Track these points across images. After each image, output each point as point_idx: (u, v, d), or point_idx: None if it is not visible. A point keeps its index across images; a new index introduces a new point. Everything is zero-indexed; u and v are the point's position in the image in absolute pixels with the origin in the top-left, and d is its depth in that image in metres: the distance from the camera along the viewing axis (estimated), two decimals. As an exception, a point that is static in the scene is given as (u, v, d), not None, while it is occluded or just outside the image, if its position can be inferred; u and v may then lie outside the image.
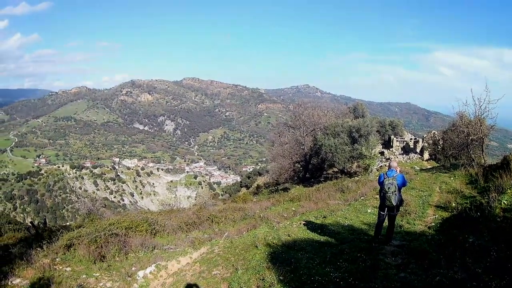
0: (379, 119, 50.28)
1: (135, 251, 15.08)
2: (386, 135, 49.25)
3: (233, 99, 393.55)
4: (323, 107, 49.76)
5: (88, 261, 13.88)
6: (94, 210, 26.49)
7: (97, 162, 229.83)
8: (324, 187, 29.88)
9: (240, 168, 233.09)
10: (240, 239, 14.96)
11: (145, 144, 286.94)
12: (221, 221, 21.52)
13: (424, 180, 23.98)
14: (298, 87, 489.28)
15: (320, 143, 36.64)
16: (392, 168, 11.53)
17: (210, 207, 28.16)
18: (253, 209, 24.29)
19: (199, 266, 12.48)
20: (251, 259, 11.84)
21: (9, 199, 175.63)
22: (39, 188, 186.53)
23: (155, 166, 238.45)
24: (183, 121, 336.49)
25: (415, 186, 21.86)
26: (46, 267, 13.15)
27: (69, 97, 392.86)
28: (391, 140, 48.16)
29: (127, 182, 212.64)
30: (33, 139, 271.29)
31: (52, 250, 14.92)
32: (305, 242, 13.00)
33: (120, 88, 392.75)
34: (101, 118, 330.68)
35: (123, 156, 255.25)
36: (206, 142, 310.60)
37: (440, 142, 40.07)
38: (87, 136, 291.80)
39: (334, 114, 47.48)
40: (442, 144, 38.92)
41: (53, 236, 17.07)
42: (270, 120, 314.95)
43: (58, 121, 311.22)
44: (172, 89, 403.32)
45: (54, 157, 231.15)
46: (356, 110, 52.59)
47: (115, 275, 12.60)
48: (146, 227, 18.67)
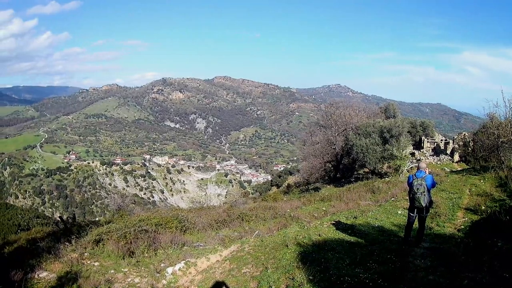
0: (410, 120, 49.61)
1: (165, 247, 15.15)
2: (417, 136, 48.61)
3: (264, 98, 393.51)
4: (355, 107, 49.41)
5: (116, 256, 14.01)
6: (124, 206, 26.66)
7: (128, 159, 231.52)
8: (355, 187, 29.64)
9: (271, 167, 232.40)
10: (270, 238, 14.95)
11: (176, 142, 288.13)
12: (252, 219, 21.48)
13: (454, 182, 23.58)
14: (329, 87, 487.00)
15: (351, 143, 36.42)
16: (421, 169, 11.43)
17: (240, 205, 28.10)
18: (284, 208, 24.30)
19: (229, 264, 12.48)
20: (281, 258, 11.79)
21: (37, 194, 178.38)
22: (69, 184, 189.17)
23: (186, 163, 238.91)
24: (214, 119, 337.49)
25: (445, 188, 21.52)
26: (74, 262, 13.29)
27: (100, 94, 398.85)
28: (422, 141, 47.51)
29: (157, 179, 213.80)
30: (63, 135, 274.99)
31: (81, 244, 15.06)
32: (335, 242, 12.90)
33: (151, 86, 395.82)
34: (132, 116, 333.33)
35: (154, 153, 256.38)
36: (237, 140, 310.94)
37: (470, 144, 39.42)
38: (117, 133, 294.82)
39: (365, 114, 47.08)
40: (472, 146, 38.27)
41: (82, 231, 17.24)
42: (302, 119, 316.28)
43: (89, 118, 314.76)
44: (203, 87, 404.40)
45: (84, 153, 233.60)
46: (388, 111, 52.03)
47: (143, 271, 12.66)
48: (176, 224, 18.72)
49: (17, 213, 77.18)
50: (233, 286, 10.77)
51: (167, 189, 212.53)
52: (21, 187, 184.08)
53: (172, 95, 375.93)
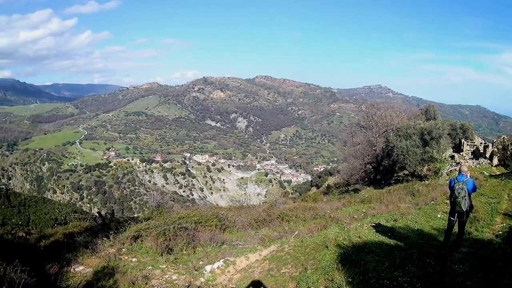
0: (451, 122, 48.64)
1: (204, 245, 15.27)
2: (457, 139, 47.64)
3: (305, 98, 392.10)
4: (395, 108, 48.88)
5: (155, 253, 14.12)
6: (163, 203, 26.86)
7: (168, 156, 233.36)
8: (395, 189, 29.24)
9: (311, 167, 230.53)
10: (310, 239, 14.86)
11: (216, 141, 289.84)
12: (292, 219, 21.45)
13: (493, 187, 23.08)
14: (370, 87, 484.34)
15: (392, 145, 35.98)
16: (462, 173, 11.24)
17: (280, 205, 28.07)
18: (324, 209, 24.20)
19: (268, 264, 12.48)
20: (321, 259, 11.75)
21: (76, 189, 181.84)
22: (108, 180, 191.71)
23: (226, 162, 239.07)
24: (255, 118, 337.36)
25: (484, 192, 21.08)
26: (112, 257, 13.45)
27: (140, 92, 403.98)
28: (462, 144, 46.53)
29: (197, 177, 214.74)
30: (103, 132, 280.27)
31: (119, 240, 15.23)
32: (375, 245, 12.81)
33: (192, 84, 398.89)
34: (173, 114, 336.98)
35: (194, 151, 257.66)
36: (278, 140, 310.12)
37: (509, 147, 38.39)
38: (158, 131, 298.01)
39: (406, 115, 46.56)
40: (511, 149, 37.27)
41: (120, 227, 17.43)
42: (343, 120, 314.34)
43: (129, 116, 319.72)
44: (244, 86, 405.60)
45: (124, 150, 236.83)
46: (428, 112, 51.21)
47: (181, 268, 12.77)
48: (216, 222, 18.79)
49: (54, 208, 78.57)
50: (272, 286, 10.80)
51: (207, 187, 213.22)
52: (59, 182, 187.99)
53: (213, 94, 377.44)
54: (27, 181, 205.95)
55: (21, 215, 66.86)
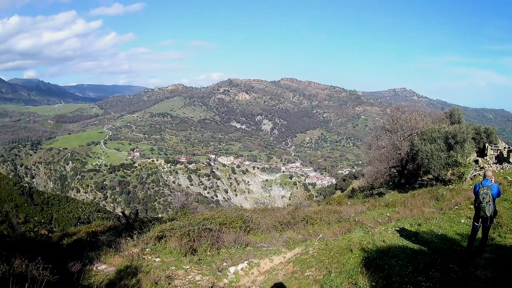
0: (475, 126, 47.95)
1: (228, 247, 15.33)
2: (481, 143, 46.99)
3: (330, 101, 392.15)
4: (420, 112, 48.42)
5: (178, 253, 14.21)
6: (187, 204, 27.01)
7: (193, 157, 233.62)
8: (419, 194, 29.04)
9: (336, 170, 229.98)
10: (335, 242, 14.79)
11: (241, 142, 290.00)
12: (316, 222, 21.36)
13: (517, 192, 22.68)
14: (395, 90, 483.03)
15: (416, 149, 35.68)
16: (487, 178, 11.12)
17: (305, 208, 28.10)
18: (348, 212, 24.08)
19: (292, 266, 12.47)
20: (345, 262, 11.71)
21: (99, 189, 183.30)
22: (132, 180, 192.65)
23: (251, 164, 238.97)
24: (280, 121, 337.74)
25: (508, 197, 20.78)
26: (135, 256, 13.56)
27: (165, 94, 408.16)
28: (485, 148, 45.89)
29: (221, 179, 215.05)
30: (128, 133, 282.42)
31: (143, 240, 15.38)
32: (399, 249, 12.70)
33: (217, 86, 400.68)
34: (198, 115, 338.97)
35: (219, 153, 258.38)
36: (303, 142, 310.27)
37: (533, 152, 37.74)
38: (183, 132, 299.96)
39: (430, 119, 46.08)
40: (534, 154, 36.71)
41: (144, 227, 17.58)
42: (367, 123, 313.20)
43: (154, 117, 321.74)
44: (269, 89, 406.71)
45: (148, 151, 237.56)
46: (452, 116, 50.61)
47: (205, 269, 12.83)
48: (240, 224, 18.89)
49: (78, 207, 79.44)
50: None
51: (231, 189, 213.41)
52: (83, 181, 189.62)
53: (238, 96, 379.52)
54: (51, 180, 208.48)
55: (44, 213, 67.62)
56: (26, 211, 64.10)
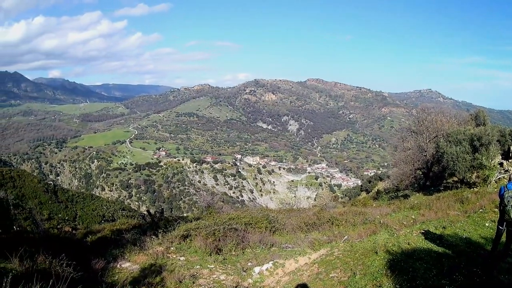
0: (500, 128, 47.16)
1: (253, 247, 15.34)
2: (506, 145, 46.25)
3: (356, 102, 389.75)
4: (446, 113, 47.87)
5: (203, 252, 14.30)
6: (213, 203, 27.06)
7: (219, 157, 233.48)
8: (444, 196, 28.68)
9: (362, 171, 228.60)
10: (360, 244, 14.72)
11: (268, 143, 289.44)
12: (341, 224, 21.15)
13: (541, 195, 22.23)
14: (420, 91, 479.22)
15: (442, 151, 35.31)
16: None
17: (330, 209, 27.95)
18: (373, 214, 23.86)
19: (317, 267, 12.41)
20: (370, 264, 11.67)
21: (125, 187, 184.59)
22: (157, 179, 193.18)
23: (277, 164, 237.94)
24: (307, 121, 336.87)
25: (532, 201, 20.36)
26: (159, 255, 13.66)
27: (192, 94, 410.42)
28: (510, 150, 45.15)
29: (247, 179, 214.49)
30: (154, 132, 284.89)
31: (168, 239, 15.46)
32: (423, 252, 12.61)
33: (243, 87, 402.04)
34: (224, 116, 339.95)
35: (245, 153, 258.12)
36: (329, 143, 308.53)
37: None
38: (209, 132, 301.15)
39: (456, 120, 45.52)
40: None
41: (169, 225, 17.67)
42: (393, 124, 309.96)
43: (180, 117, 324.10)
44: (296, 89, 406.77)
45: (174, 150, 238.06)
46: (478, 118, 49.91)
47: (230, 269, 12.88)
48: (266, 224, 18.83)
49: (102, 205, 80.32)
50: (320, 290, 10.74)
51: (257, 189, 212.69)
52: (108, 180, 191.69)
53: (265, 96, 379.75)
54: (76, 177, 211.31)
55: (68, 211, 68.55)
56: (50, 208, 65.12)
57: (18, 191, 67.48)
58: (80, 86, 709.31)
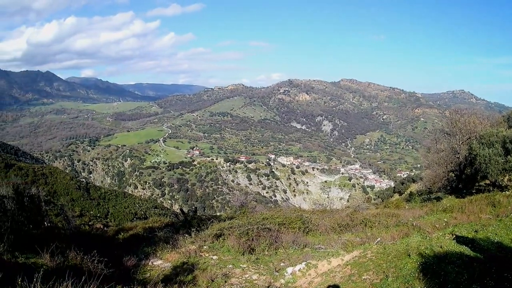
0: (532, 129, 46.18)
1: (286, 247, 15.29)
2: (538, 148, 45.17)
3: (390, 102, 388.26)
4: (478, 115, 46.99)
5: (236, 252, 14.37)
6: (246, 203, 27.14)
7: (252, 157, 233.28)
8: (476, 199, 28.25)
9: (395, 173, 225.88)
10: (393, 246, 14.50)
11: (301, 143, 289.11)
12: (374, 225, 21.09)
13: None
14: (453, 92, 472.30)
15: (475, 153, 34.71)
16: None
17: (363, 211, 27.97)
18: (406, 216, 23.79)
19: (350, 269, 12.32)
20: (403, 267, 11.57)
21: (157, 185, 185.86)
22: (190, 178, 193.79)
23: (311, 165, 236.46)
24: (340, 122, 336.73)
25: None
26: (192, 253, 13.76)
27: (225, 93, 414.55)
28: (542, 153, 44.06)
29: (281, 179, 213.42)
30: (187, 131, 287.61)
31: (201, 237, 15.56)
32: (455, 256, 12.30)
33: (277, 87, 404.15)
34: (258, 115, 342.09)
35: (278, 153, 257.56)
36: (362, 144, 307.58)
37: None
38: (243, 131, 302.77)
39: (489, 122, 44.63)
40: None
41: (202, 224, 17.91)
42: (427, 126, 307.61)
43: (214, 116, 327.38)
44: (329, 89, 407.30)
45: (208, 149, 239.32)
46: (510, 119, 48.90)
47: (262, 269, 12.90)
48: (300, 225, 18.82)
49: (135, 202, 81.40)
50: (352, 291, 10.75)
51: (290, 189, 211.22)
52: (141, 178, 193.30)
53: (299, 97, 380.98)
54: (108, 175, 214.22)
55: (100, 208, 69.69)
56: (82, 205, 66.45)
57: (50, 187, 69.02)
58: (113, 85, 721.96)
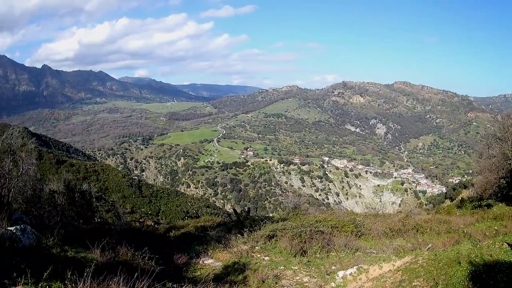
0: None
1: (338, 250, 15.31)
2: None
3: (443, 106, 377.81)
4: (530, 119, 45.32)
5: (288, 253, 14.55)
6: (299, 205, 27.21)
7: (306, 159, 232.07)
8: (527, 208, 27.55)
9: (447, 178, 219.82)
10: (444, 253, 14.28)
11: (355, 146, 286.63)
12: (426, 231, 20.94)
13: None
14: (505, 96, 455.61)
15: (525, 159, 33.70)
16: None
17: (415, 216, 27.67)
18: (457, 223, 23.58)
19: (401, 275, 12.26)
20: (453, 275, 11.43)
21: (210, 185, 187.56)
22: (243, 179, 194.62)
23: (364, 168, 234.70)
24: (394, 125, 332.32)
25: None
26: (244, 253, 14.04)
27: (280, 95, 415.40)
28: None
29: (334, 182, 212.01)
30: (241, 132, 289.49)
31: (253, 238, 15.86)
32: (504, 265, 12.03)
33: (331, 89, 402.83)
34: (312, 117, 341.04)
35: (332, 155, 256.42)
36: (416, 148, 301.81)
37: None
38: (297, 133, 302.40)
39: (539, 127, 43.00)
40: None
41: (255, 225, 18.12)
42: (479, 130, 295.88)
43: (268, 117, 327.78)
44: (383, 92, 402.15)
45: (262, 150, 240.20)
46: None
47: (313, 271, 12.98)
48: (352, 229, 18.85)
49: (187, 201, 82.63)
50: (402, 298, 10.64)
51: (343, 192, 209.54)
52: (194, 177, 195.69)
53: (353, 99, 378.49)
54: (161, 174, 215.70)
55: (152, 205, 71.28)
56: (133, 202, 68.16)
57: (102, 184, 71.17)
58: (167, 85, 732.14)
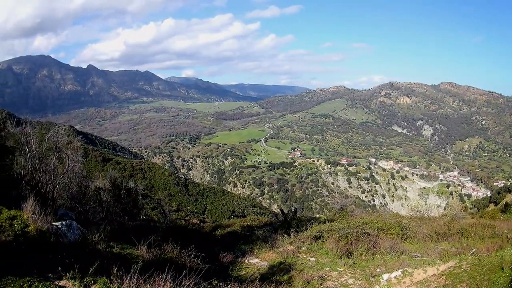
0: None
1: (383, 253, 15.21)
2: None
3: (488, 107, 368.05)
4: None
5: (334, 255, 14.55)
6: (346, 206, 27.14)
7: (353, 160, 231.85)
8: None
9: (491, 182, 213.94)
10: (487, 258, 14.00)
11: (402, 147, 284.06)
12: (470, 236, 20.49)
13: None
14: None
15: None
16: None
17: (460, 220, 27.02)
18: (501, 227, 23.02)
19: (444, 280, 12.16)
20: (495, 281, 11.22)
21: (257, 185, 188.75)
22: (290, 179, 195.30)
23: (410, 170, 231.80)
24: (440, 127, 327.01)
25: None
26: (290, 254, 14.11)
27: (327, 95, 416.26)
28: None
29: (380, 183, 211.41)
30: (289, 132, 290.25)
31: (299, 238, 15.94)
32: (547, 272, 11.84)
33: (378, 89, 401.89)
34: (360, 118, 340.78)
35: (379, 157, 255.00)
36: (461, 150, 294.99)
37: None
38: (344, 134, 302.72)
39: None
40: None
41: (302, 225, 18.15)
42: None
43: (316, 118, 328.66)
44: (430, 93, 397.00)
45: (309, 151, 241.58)
46: None
47: (358, 273, 12.93)
48: (398, 231, 18.71)
49: (233, 200, 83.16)
50: (445, 302, 10.45)
51: (389, 194, 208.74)
52: (241, 177, 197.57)
53: (400, 100, 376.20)
54: (208, 173, 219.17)
55: (198, 204, 72.12)
56: (179, 200, 69.05)
57: (148, 182, 72.44)
58: (214, 85, 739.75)
